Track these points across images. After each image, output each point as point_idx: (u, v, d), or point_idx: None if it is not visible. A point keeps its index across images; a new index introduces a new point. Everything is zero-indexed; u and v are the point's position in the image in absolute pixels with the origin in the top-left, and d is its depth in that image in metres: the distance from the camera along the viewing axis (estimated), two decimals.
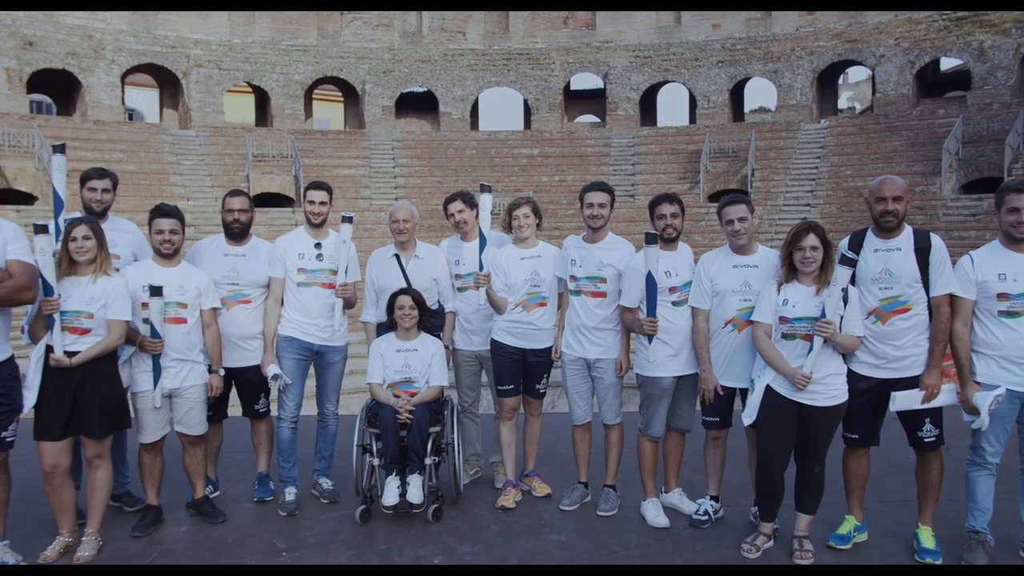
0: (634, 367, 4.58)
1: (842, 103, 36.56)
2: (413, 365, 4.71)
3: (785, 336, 3.93)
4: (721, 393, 4.31)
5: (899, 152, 24.04)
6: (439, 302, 5.08)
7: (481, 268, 4.66)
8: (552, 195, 24.36)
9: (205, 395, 4.51)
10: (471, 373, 5.18)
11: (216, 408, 4.78)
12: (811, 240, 3.89)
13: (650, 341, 4.32)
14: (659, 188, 25.65)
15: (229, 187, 24.93)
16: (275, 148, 26.03)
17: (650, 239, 4.14)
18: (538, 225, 4.88)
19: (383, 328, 4.95)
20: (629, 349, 4.66)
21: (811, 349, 3.82)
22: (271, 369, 4.68)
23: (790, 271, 3.97)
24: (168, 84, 29.78)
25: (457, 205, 5.06)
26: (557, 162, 27.51)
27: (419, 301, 4.74)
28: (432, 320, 4.90)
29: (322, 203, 4.84)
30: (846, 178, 23.95)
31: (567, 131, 30.56)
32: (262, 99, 30.97)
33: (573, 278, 4.67)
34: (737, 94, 31.09)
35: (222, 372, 4.57)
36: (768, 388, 3.96)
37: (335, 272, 4.78)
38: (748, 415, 4.03)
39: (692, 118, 30.97)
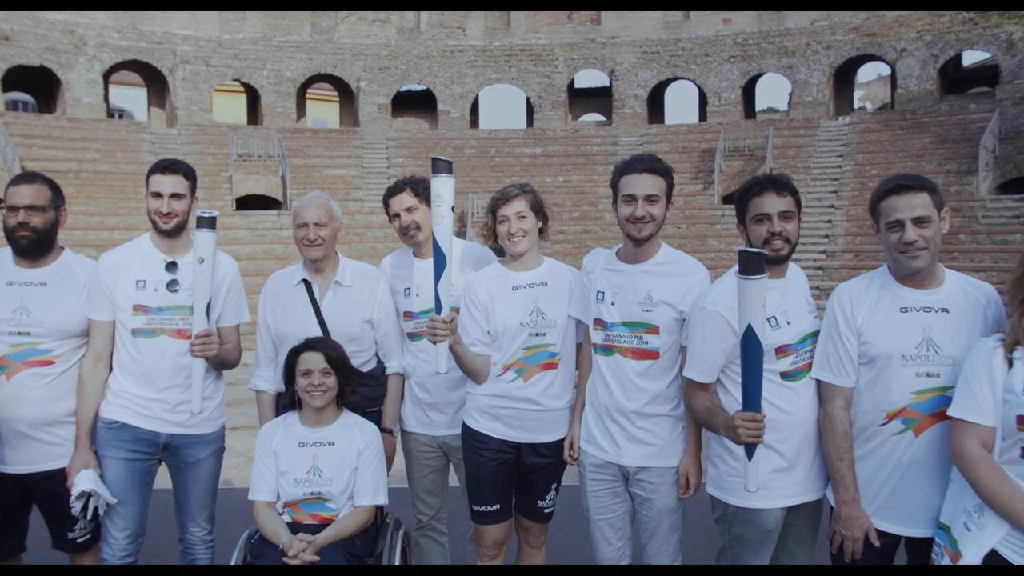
0: (709, 485, 2.63)
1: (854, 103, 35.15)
2: (327, 471, 2.77)
3: None
4: (876, 545, 2.35)
5: (928, 150, 22.70)
6: (377, 358, 3.15)
7: (438, 308, 2.67)
8: (556, 196, 22.80)
9: None
10: (431, 470, 3.21)
11: (3, 536, 2.86)
12: None
13: (750, 454, 2.27)
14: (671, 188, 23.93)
15: (211, 188, 23.31)
16: (261, 147, 24.55)
17: (751, 264, 2.03)
18: (541, 231, 2.93)
19: (283, 404, 3.01)
20: (700, 451, 2.71)
21: None
22: (80, 480, 2.73)
23: None
24: (155, 82, 28.54)
25: (404, 199, 3.06)
26: (561, 161, 26.14)
27: (338, 360, 2.80)
28: (363, 391, 2.96)
29: (176, 196, 2.87)
30: (872, 178, 22.66)
31: (571, 129, 29.20)
32: (253, 98, 29.74)
33: (600, 324, 2.72)
34: (749, 91, 29.99)
35: None
36: (994, 555, 2.03)
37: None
38: None
39: (702, 116, 29.82)
